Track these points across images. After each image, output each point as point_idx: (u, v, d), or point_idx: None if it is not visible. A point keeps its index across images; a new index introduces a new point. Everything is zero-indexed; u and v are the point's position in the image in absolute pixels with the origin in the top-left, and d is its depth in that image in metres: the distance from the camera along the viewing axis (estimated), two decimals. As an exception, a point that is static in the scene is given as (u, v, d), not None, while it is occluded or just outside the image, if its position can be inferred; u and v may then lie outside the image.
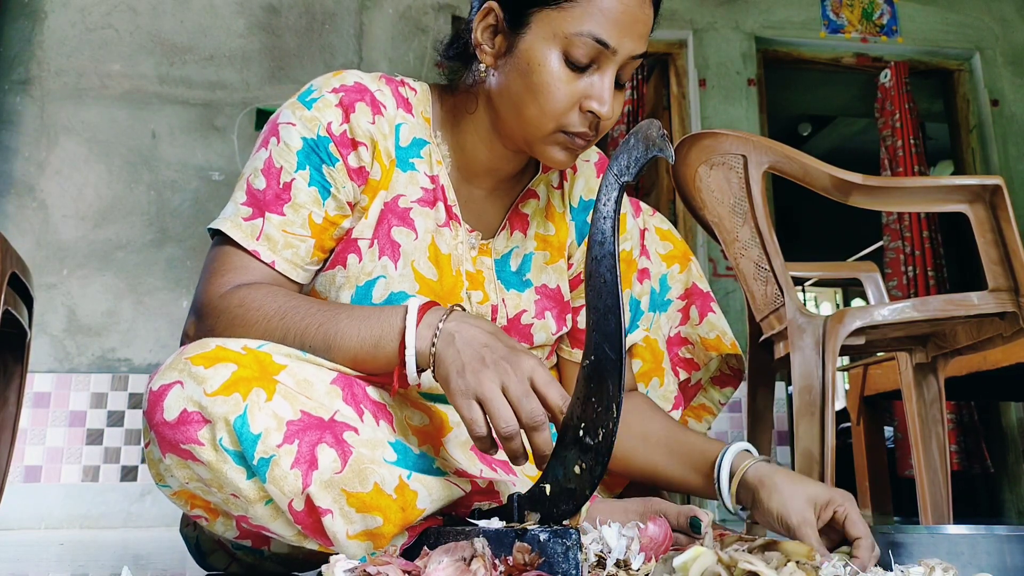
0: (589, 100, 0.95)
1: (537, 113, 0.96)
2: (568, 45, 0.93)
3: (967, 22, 4.29)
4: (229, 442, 0.78)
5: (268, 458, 0.78)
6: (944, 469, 1.71)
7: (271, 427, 0.79)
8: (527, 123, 0.98)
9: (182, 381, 0.80)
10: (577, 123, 0.96)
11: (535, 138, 0.99)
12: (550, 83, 0.94)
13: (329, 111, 1.00)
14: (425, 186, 1.06)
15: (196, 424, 0.78)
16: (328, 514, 0.80)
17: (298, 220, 0.98)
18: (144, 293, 3.37)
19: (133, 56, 3.57)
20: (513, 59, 0.97)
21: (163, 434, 0.80)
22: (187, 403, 0.79)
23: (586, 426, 0.77)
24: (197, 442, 0.78)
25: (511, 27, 0.98)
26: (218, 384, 0.79)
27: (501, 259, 1.12)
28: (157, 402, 0.80)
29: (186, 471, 0.82)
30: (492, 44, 1.01)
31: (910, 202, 1.54)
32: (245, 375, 0.80)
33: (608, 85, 0.95)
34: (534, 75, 0.95)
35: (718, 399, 1.37)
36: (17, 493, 3.05)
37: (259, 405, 0.79)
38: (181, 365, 0.81)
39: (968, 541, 0.88)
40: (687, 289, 1.32)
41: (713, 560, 0.66)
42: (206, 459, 0.79)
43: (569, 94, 0.95)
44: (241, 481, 0.80)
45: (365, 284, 1.01)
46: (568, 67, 0.95)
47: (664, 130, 0.78)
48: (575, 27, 0.93)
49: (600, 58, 0.94)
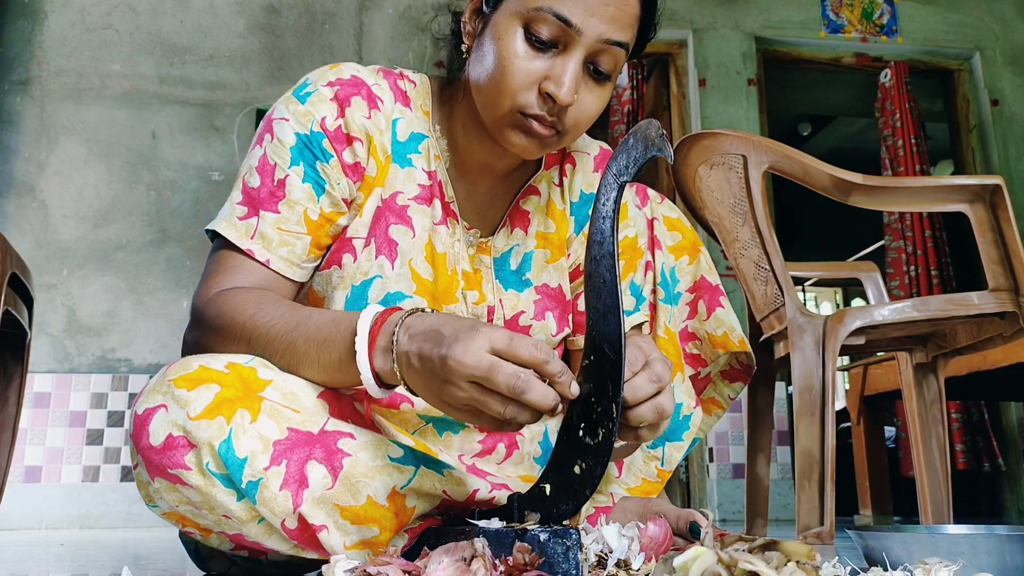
0: (547, 81, 0.90)
1: (494, 90, 0.92)
2: (530, 21, 0.90)
3: (967, 22, 4.29)
4: (215, 466, 0.77)
5: (256, 481, 0.77)
6: (944, 469, 1.71)
7: (257, 449, 0.77)
8: (486, 101, 0.94)
9: (166, 405, 0.78)
10: (535, 105, 0.91)
11: (493, 119, 0.95)
12: (508, 59, 0.90)
13: (323, 105, 0.98)
14: (422, 182, 1.03)
15: (182, 449, 0.77)
16: (323, 530, 0.80)
17: (293, 217, 0.96)
18: (144, 293, 3.37)
19: (133, 56, 3.57)
20: (483, 37, 0.95)
21: (150, 459, 0.78)
22: (172, 427, 0.77)
23: (586, 426, 0.77)
24: (184, 467, 0.77)
25: (489, 6, 0.96)
26: (201, 407, 0.77)
27: (500, 257, 1.10)
28: (142, 426, 0.78)
29: (176, 494, 0.81)
30: (474, 25, 0.99)
31: (910, 202, 1.54)
32: (229, 396, 0.78)
33: (571, 68, 0.90)
34: (495, 51, 0.92)
35: (728, 393, 1.32)
36: (17, 493, 3.05)
37: (244, 428, 0.77)
38: (164, 388, 0.79)
39: (968, 541, 0.88)
40: (696, 282, 1.26)
41: (713, 560, 0.66)
42: (194, 483, 0.78)
43: (526, 71, 0.90)
44: (232, 503, 0.79)
45: (361, 284, 0.99)
46: (529, 44, 0.91)
47: (663, 130, 0.77)
48: (538, 1, 0.89)
49: (564, 38, 0.90)
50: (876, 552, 0.90)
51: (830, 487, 1.43)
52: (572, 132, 0.96)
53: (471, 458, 1.07)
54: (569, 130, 0.95)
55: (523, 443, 1.12)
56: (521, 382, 0.71)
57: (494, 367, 0.71)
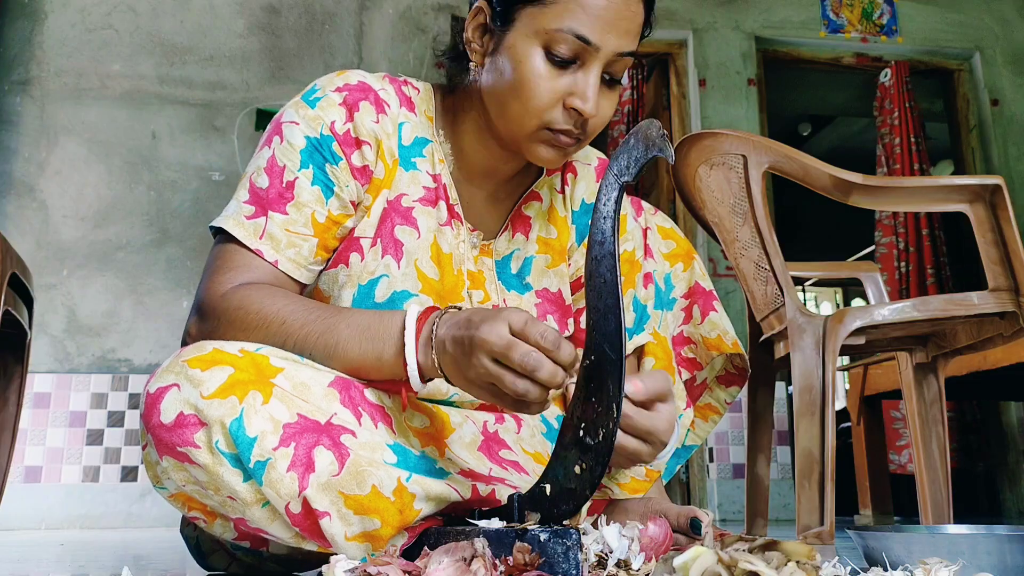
0: (572, 97, 0.95)
1: (520, 110, 0.96)
2: (550, 41, 0.93)
3: (967, 22, 4.29)
4: (225, 445, 0.78)
5: (264, 461, 0.78)
6: (944, 469, 1.71)
7: (267, 430, 0.79)
8: (511, 121, 0.98)
9: (179, 384, 0.80)
10: (561, 120, 0.96)
11: (520, 136, 0.99)
12: (532, 80, 0.94)
13: (333, 110, 0.99)
14: (427, 185, 1.05)
15: (192, 427, 0.78)
16: (326, 516, 0.80)
17: (301, 219, 0.98)
18: (144, 293, 3.37)
19: (133, 56, 3.57)
20: (499, 57, 0.98)
21: (160, 436, 0.80)
22: (184, 406, 0.79)
23: (586, 426, 0.77)
24: (193, 445, 0.78)
25: (498, 25, 0.98)
26: (214, 387, 0.79)
27: (502, 261, 1.12)
28: (154, 404, 0.80)
29: (183, 474, 0.82)
30: (482, 43, 1.01)
31: (910, 202, 1.54)
32: (242, 378, 0.80)
33: (592, 82, 0.95)
34: (517, 72, 0.95)
35: (724, 398, 1.35)
36: (17, 493, 3.05)
37: (255, 408, 0.79)
38: (178, 368, 0.81)
39: (968, 541, 0.88)
40: (690, 288, 1.31)
41: (713, 560, 0.66)
42: (202, 462, 0.79)
43: (551, 90, 0.95)
44: (238, 484, 0.79)
45: (368, 283, 1.00)
46: (551, 64, 0.94)
47: (664, 130, 0.78)
48: (556, 23, 0.92)
49: (583, 55, 0.94)
50: (876, 552, 0.90)
51: (830, 487, 1.43)
52: (590, 137, 1.01)
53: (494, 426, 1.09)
54: (588, 136, 1.00)
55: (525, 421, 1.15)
56: (533, 360, 0.77)
57: (511, 345, 0.77)
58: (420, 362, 0.84)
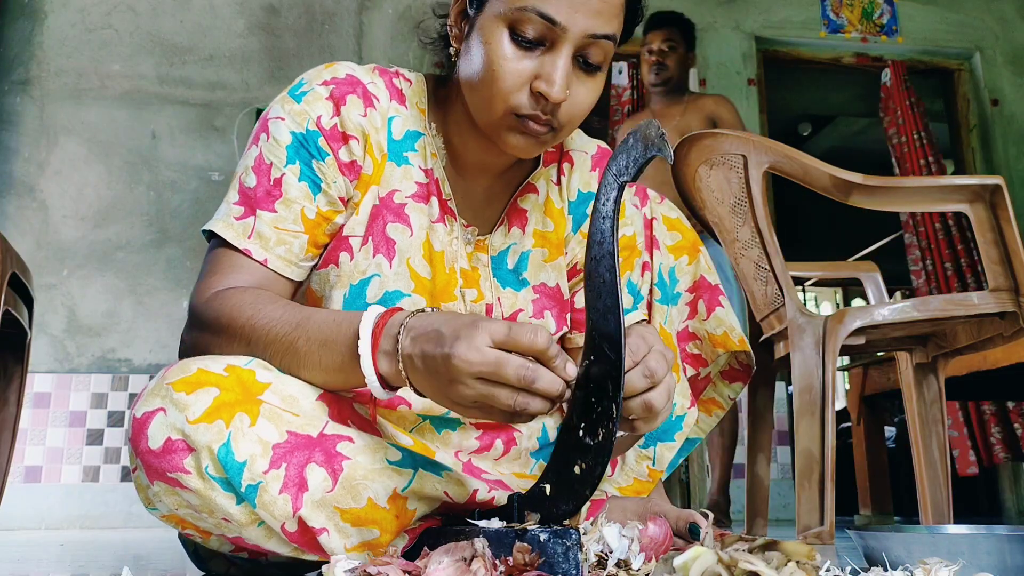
0: (538, 81, 0.89)
1: (487, 94, 0.92)
2: (515, 21, 0.89)
3: (967, 22, 4.29)
4: (215, 470, 0.77)
5: (256, 485, 0.77)
6: (944, 469, 1.71)
7: (256, 453, 0.77)
8: (479, 105, 0.94)
9: (165, 408, 0.78)
10: (527, 105, 0.91)
11: (489, 122, 0.94)
12: (497, 61, 0.90)
13: (319, 104, 0.97)
14: (419, 180, 1.03)
15: (181, 452, 0.77)
16: (323, 532, 0.80)
17: (290, 216, 0.96)
18: (144, 293, 3.37)
19: (133, 56, 3.57)
20: (471, 40, 0.94)
21: (149, 462, 0.78)
22: (171, 431, 0.77)
23: (586, 426, 0.77)
24: (183, 471, 0.77)
25: (473, 8, 0.95)
26: (200, 411, 0.77)
27: (498, 256, 1.09)
28: (141, 430, 0.78)
29: (175, 498, 0.81)
30: (460, 28, 0.98)
31: (910, 202, 1.54)
32: (228, 399, 0.78)
33: (561, 65, 0.89)
34: (484, 54, 0.91)
35: (728, 394, 1.32)
36: (17, 493, 3.05)
37: (243, 431, 0.77)
38: (163, 391, 0.79)
39: (968, 541, 0.88)
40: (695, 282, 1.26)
41: (713, 560, 0.66)
42: (194, 487, 0.77)
43: (516, 72, 0.90)
44: (231, 506, 0.78)
45: (359, 283, 0.98)
46: (516, 45, 0.90)
47: (663, 130, 0.77)
48: (521, 2, 0.88)
49: (551, 36, 0.89)
50: (876, 552, 0.90)
51: (830, 487, 1.43)
52: (568, 127, 0.96)
53: (468, 455, 1.06)
54: (564, 125, 0.95)
55: (521, 439, 1.12)
56: (530, 371, 0.72)
57: (501, 361, 0.72)
58: (383, 372, 0.79)
